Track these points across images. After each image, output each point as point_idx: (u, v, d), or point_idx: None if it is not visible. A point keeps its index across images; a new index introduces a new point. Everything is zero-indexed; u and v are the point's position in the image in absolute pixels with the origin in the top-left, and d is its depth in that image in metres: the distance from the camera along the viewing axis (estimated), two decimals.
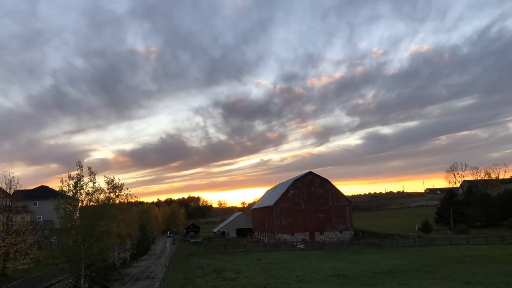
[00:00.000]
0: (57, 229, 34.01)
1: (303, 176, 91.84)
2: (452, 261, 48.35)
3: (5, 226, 43.19)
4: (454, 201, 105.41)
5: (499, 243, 69.88)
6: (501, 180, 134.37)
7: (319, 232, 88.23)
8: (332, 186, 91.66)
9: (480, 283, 33.46)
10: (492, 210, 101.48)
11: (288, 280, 38.22)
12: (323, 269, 44.80)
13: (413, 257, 54.23)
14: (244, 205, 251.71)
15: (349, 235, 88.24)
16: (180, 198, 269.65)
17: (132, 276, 48.60)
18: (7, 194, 45.74)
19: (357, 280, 36.72)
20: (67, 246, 31.50)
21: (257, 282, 37.38)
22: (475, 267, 42.45)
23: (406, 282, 34.79)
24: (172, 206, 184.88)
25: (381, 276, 38.82)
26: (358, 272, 41.99)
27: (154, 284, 35.95)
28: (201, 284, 37.61)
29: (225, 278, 40.63)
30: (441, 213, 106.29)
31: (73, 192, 32.11)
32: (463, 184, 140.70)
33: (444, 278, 36.52)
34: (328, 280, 37.40)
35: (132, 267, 57.65)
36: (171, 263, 52.32)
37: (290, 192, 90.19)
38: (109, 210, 35.23)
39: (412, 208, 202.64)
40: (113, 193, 44.82)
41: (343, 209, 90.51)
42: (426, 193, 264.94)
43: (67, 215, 31.52)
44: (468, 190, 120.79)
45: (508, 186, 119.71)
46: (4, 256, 41.53)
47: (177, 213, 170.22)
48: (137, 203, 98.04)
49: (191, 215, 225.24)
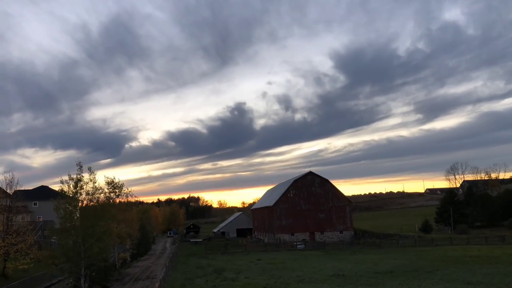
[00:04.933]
0: (57, 229, 34.03)
1: (303, 176, 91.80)
2: (452, 261, 48.35)
3: (5, 226, 43.13)
4: (454, 201, 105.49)
5: (499, 243, 69.88)
6: (501, 180, 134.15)
7: (319, 232, 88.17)
8: (332, 186, 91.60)
9: (480, 283, 33.45)
10: (492, 210, 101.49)
11: (288, 280, 38.21)
12: (323, 269, 44.79)
13: (413, 257, 54.22)
14: (244, 205, 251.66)
15: (349, 235, 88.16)
16: (180, 198, 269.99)
17: (132, 276, 48.55)
18: (7, 194, 45.70)
19: (357, 280, 36.70)
20: (67, 246, 31.45)
21: (257, 282, 37.37)
22: (475, 267, 42.44)
23: (406, 282, 34.77)
24: (172, 206, 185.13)
25: (381, 276, 38.81)
26: (358, 272, 41.98)
27: (154, 284, 35.93)
28: (201, 284, 37.60)
29: (225, 278, 40.61)
30: (441, 213, 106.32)
31: (73, 192, 32.11)
32: (463, 184, 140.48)
33: (444, 278, 36.51)
34: (328, 280, 37.38)
35: (132, 267, 57.59)
36: (171, 263, 52.30)
37: (290, 192, 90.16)
38: (109, 210, 35.25)
39: (412, 208, 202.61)
40: (113, 193, 44.97)
41: (343, 209, 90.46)
42: (426, 193, 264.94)
43: (67, 215, 31.50)
44: (468, 190, 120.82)
45: (508, 186, 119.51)
46: (4, 256, 41.48)
47: (177, 213, 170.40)
48: (137, 203, 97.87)
49: (191, 215, 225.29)
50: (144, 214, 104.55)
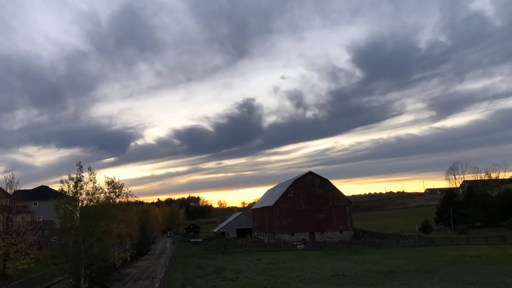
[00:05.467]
0: (57, 229, 33.97)
1: (303, 176, 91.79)
2: (452, 261, 48.34)
3: (5, 226, 43.12)
4: (454, 201, 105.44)
5: (499, 243, 69.85)
6: (501, 180, 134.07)
7: (319, 232, 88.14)
8: (332, 186, 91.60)
9: (480, 283, 33.46)
10: (492, 210, 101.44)
11: (288, 280, 38.21)
12: (323, 269, 44.79)
13: (413, 257, 54.21)
14: (244, 205, 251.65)
15: (349, 235, 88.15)
16: (180, 198, 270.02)
17: (132, 276, 48.56)
18: (7, 194, 45.69)
19: (357, 280, 36.70)
20: (67, 246, 31.45)
21: (257, 282, 37.38)
22: (475, 267, 42.45)
23: (406, 282, 34.78)
24: (172, 206, 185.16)
25: (381, 276, 38.81)
26: (358, 272, 41.99)
27: (154, 284, 35.94)
28: (201, 284, 37.60)
29: (225, 278, 40.61)
30: (441, 213, 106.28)
31: (73, 192, 32.10)
32: (463, 184, 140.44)
33: (444, 278, 36.51)
34: (328, 280, 37.39)
35: (132, 267, 57.60)
36: (171, 263, 52.32)
37: (290, 192, 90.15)
38: (109, 210, 35.23)
39: (412, 208, 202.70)
40: (113, 193, 44.95)
41: (343, 209, 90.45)
42: (426, 193, 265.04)
43: (67, 215, 31.48)
44: (468, 190, 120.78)
45: (508, 186, 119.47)
46: (4, 256, 41.47)
47: (177, 213, 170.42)
48: (137, 203, 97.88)
49: (191, 215, 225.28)
50: (144, 214, 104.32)
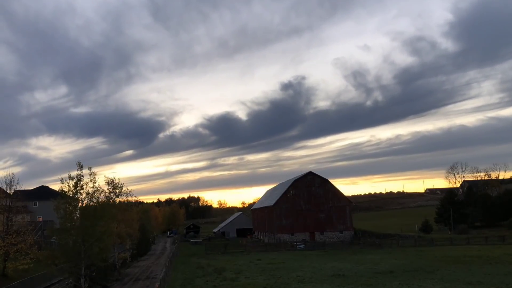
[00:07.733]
0: (57, 229, 34.00)
1: (303, 176, 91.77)
2: (452, 261, 48.34)
3: (5, 226, 43.16)
4: (454, 201, 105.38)
5: (499, 243, 69.87)
6: (501, 180, 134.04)
7: (319, 232, 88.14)
8: (332, 186, 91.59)
9: (480, 283, 33.47)
10: (492, 210, 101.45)
11: (288, 280, 38.22)
12: (323, 269, 44.79)
13: (413, 257, 54.22)
14: (244, 205, 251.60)
15: (349, 235, 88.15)
16: (180, 198, 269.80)
17: (132, 276, 48.57)
18: (7, 194, 45.70)
19: (357, 280, 36.71)
20: (67, 246, 31.48)
21: (257, 282, 37.38)
22: (475, 267, 42.46)
23: (406, 282, 34.79)
24: (172, 206, 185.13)
25: (381, 276, 38.82)
26: (358, 272, 41.99)
27: (154, 284, 35.94)
28: (201, 284, 37.60)
29: (225, 278, 40.61)
30: (441, 213, 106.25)
31: (73, 192, 32.11)
32: (463, 184, 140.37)
33: (444, 278, 36.53)
34: (328, 280, 37.39)
35: (132, 267, 57.62)
36: (171, 263, 52.31)
37: (290, 192, 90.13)
38: (109, 210, 35.27)
39: (412, 208, 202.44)
40: (113, 193, 44.97)
41: (343, 209, 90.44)
42: (426, 193, 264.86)
43: (67, 215, 31.51)
44: (468, 190, 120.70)
45: (508, 186, 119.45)
46: (4, 256, 41.51)
47: (177, 213, 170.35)
48: (137, 203, 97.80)
49: (191, 215, 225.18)
50: (144, 214, 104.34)
